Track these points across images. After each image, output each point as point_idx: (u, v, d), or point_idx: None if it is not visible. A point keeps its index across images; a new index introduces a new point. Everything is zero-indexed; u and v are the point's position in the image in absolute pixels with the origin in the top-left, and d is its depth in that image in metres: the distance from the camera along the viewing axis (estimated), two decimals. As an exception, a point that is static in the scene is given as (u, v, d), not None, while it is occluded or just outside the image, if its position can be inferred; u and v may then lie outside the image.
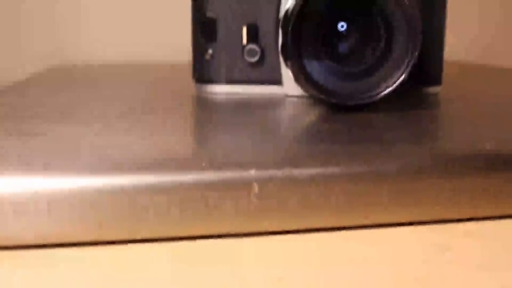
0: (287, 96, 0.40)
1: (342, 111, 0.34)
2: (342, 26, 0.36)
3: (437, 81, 0.42)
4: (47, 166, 0.22)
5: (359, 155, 0.24)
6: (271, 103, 0.38)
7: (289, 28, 0.33)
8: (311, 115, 0.34)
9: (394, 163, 0.24)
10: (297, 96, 0.39)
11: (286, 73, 0.38)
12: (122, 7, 0.72)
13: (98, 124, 0.30)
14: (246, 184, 0.23)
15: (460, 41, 0.75)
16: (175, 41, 0.65)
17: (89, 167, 0.22)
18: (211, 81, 0.41)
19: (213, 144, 0.27)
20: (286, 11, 0.35)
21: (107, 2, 0.72)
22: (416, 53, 0.33)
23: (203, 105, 0.39)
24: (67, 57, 0.71)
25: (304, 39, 0.34)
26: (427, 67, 0.41)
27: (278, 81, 0.40)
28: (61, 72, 0.61)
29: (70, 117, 0.33)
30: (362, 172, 0.23)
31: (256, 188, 0.23)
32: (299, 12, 0.33)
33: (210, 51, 0.41)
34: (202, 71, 0.41)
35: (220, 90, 0.41)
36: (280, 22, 0.35)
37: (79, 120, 0.32)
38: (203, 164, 0.23)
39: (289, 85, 0.38)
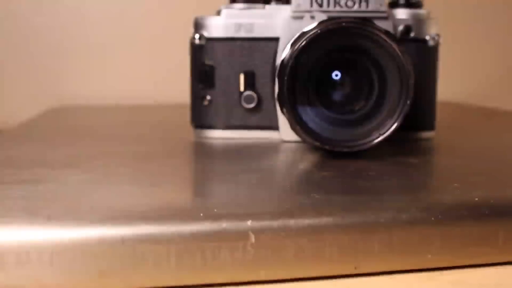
0: (283, 141, 0.41)
1: (336, 157, 0.35)
2: (336, 75, 0.37)
3: (430, 126, 0.43)
4: (50, 217, 0.23)
5: (351, 205, 0.25)
6: (268, 149, 0.39)
7: (285, 77, 0.35)
8: (306, 162, 0.35)
9: (385, 214, 0.25)
10: (293, 142, 0.40)
11: (283, 119, 0.39)
12: (121, 50, 0.73)
13: (99, 172, 0.31)
14: (242, 235, 0.23)
15: (452, 81, 0.76)
16: (175, 83, 0.66)
17: (90, 218, 0.23)
18: (209, 126, 0.42)
19: (210, 194, 0.28)
20: (283, 60, 0.36)
21: (108, 44, 0.73)
22: (409, 102, 0.34)
23: (201, 152, 0.40)
24: (68, 98, 0.72)
25: (300, 87, 0.36)
26: (420, 113, 0.42)
27: (274, 127, 0.41)
28: (62, 114, 0.62)
29: (72, 164, 0.33)
30: (354, 222, 0.24)
31: (252, 238, 0.23)
32: (294, 61, 0.35)
33: (208, 97, 0.42)
34: (200, 117, 0.42)
35: (218, 136, 0.42)
36: (277, 71, 0.36)
37: (81, 168, 0.33)
38: (201, 215, 0.23)
39: (286, 131, 0.39)
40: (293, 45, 0.35)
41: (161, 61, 0.73)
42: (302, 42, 0.34)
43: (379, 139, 0.34)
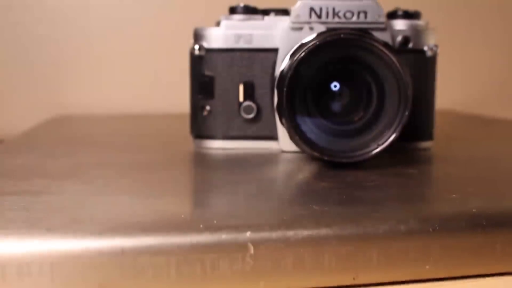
0: (282, 151, 0.41)
1: (335, 168, 0.35)
2: (335, 86, 0.37)
3: (428, 136, 0.43)
4: (50, 229, 0.23)
5: (350, 216, 0.25)
6: (267, 159, 0.39)
7: (284, 88, 0.35)
8: (305, 173, 0.35)
9: (384, 225, 0.25)
10: (293, 152, 0.40)
11: (282, 130, 0.39)
12: (121, 60, 0.74)
13: (99, 183, 0.31)
14: (241, 246, 0.23)
15: (451, 89, 0.76)
16: (174, 93, 0.66)
17: (90, 230, 0.23)
18: (208, 136, 0.42)
19: (210, 205, 0.28)
20: (282, 71, 0.36)
21: (108, 54, 0.73)
22: (407, 113, 0.35)
23: (201, 162, 0.40)
24: (68, 107, 0.72)
25: (299, 98, 0.36)
26: (419, 124, 0.42)
27: (273, 137, 0.41)
28: (62, 123, 0.62)
29: (72, 175, 0.34)
30: (352, 233, 0.24)
31: (251, 249, 0.23)
32: (294, 73, 0.35)
33: (207, 107, 0.42)
34: (200, 127, 0.43)
35: (217, 146, 0.42)
36: (276, 82, 0.36)
37: (81, 178, 0.33)
38: (201, 226, 0.24)
39: (285, 141, 0.40)
40: (292, 56, 0.36)
41: (161, 70, 0.73)
42: (301, 54, 0.35)
43: (378, 150, 0.35)
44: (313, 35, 0.36)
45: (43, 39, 0.72)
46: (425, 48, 0.42)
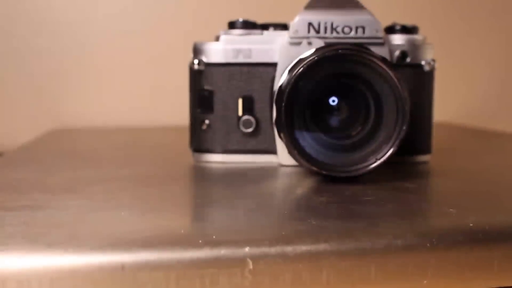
0: (281, 165, 0.41)
1: (333, 182, 0.35)
2: (333, 100, 0.37)
3: (426, 150, 0.43)
4: (51, 244, 0.23)
5: (348, 231, 0.25)
6: (266, 173, 0.39)
7: (283, 103, 0.35)
8: (304, 187, 0.36)
9: (381, 240, 0.25)
10: (291, 166, 0.41)
11: (281, 144, 0.40)
12: (121, 73, 0.74)
13: (99, 198, 0.32)
14: (240, 261, 0.24)
15: (448, 102, 0.77)
16: (174, 106, 0.66)
17: (91, 245, 0.23)
18: (207, 150, 0.43)
19: (209, 220, 0.28)
20: (280, 86, 0.36)
21: (108, 66, 0.74)
22: (405, 128, 0.35)
23: (200, 176, 0.40)
24: (67, 120, 0.73)
25: (297, 113, 0.36)
26: (417, 138, 0.42)
27: (272, 151, 0.42)
28: (61, 136, 0.62)
29: (71, 189, 0.34)
30: (350, 249, 0.25)
31: (250, 264, 0.24)
32: (292, 88, 0.35)
33: (207, 121, 0.42)
34: (199, 141, 0.43)
35: (217, 160, 0.43)
36: (275, 97, 0.37)
37: (80, 193, 0.33)
38: (200, 242, 0.24)
39: (283, 155, 0.40)
40: (290, 71, 0.36)
41: (160, 83, 0.74)
42: (299, 69, 0.35)
43: (376, 164, 0.35)
44: (312, 50, 0.36)
45: (43, 51, 0.72)
46: (423, 62, 0.42)
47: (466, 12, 0.80)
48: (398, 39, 0.42)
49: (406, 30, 0.42)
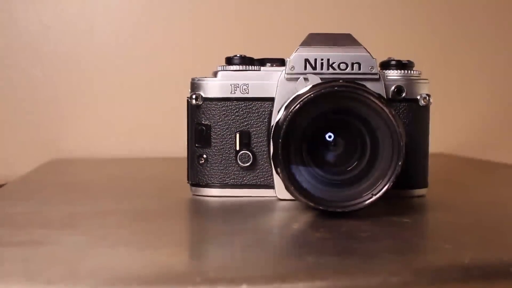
0: (278, 199, 0.42)
1: (330, 217, 0.36)
2: (329, 136, 0.38)
3: (423, 184, 0.44)
4: (50, 281, 0.24)
5: (343, 268, 0.26)
6: (263, 208, 0.39)
7: (279, 140, 0.35)
8: (300, 223, 0.36)
9: (377, 277, 0.25)
10: (288, 200, 0.41)
11: (278, 178, 0.40)
12: (119, 104, 0.74)
13: (97, 233, 0.32)
14: (237, 298, 0.24)
15: (445, 134, 0.77)
16: (171, 137, 0.67)
17: (90, 283, 0.24)
18: (205, 185, 0.43)
19: (206, 257, 0.29)
20: (277, 122, 0.37)
21: (106, 97, 0.74)
22: (400, 163, 0.35)
23: (197, 211, 0.40)
24: (64, 151, 0.73)
25: (294, 148, 0.37)
26: (413, 172, 0.42)
27: (270, 185, 0.42)
28: (58, 168, 0.62)
29: (69, 224, 0.34)
30: (346, 286, 0.25)
31: (247, 302, 0.24)
32: (289, 124, 0.36)
33: (204, 156, 0.43)
34: (197, 175, 0.43)
35: (214, 194, 0.43)
36: (271, 133, 0.37)
37: (79, 228, 0.33)
38: (197, 279, 0.24)
39: (281, 189, 0.40)
40: (287, 107, 0.36)
41: (158, 115, 0.74)
42: (296, 106, 0.35)
43: (371, 199, 0.35)
44: (308, 87, 0.37)
45: (40, 83, 0.73)
46: (418, 97, 0.42)
47: (461, 45, 0.81)
48: (393, 74, 0.42)
49: (402, 65, 0.43)
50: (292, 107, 0.36)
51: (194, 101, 0.43)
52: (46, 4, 0.73)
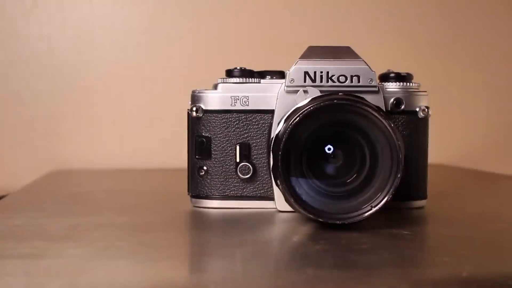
0: (278, 211, 0.42)
1: (329, 229, 0.36)
2: (329, 148, 0.38)
3: (422, 196, 0.44)
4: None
5: (343, 281, 0.26)
6: (263, 220, 0.40)
7: (279, 152, 0.36)
8: (300, 235, 0.36)
9: (376, 291, 0.25)
10: (288, 211, 0.41)
11: (277, 190, 0.40)
12: (120, 115, 0.75)
13: (98, 246, 0.32)
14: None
15: (445, 145, 0.77)
16: (172, 149, 0.67)
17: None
18: (205, 196, 0.43)
19: (207, 270, 0.29)
20: (277, 135, 0.37)
21: (107, 109, 0.74)
22: (400, 176, 0.35)
23: (198, 223, 0.41)
24: (66, 162, 0.73)
25: (293, 161, 0.37)
26: (412, 183, 0.42)
27: (270, 197, 0.42)
28: (60, 179, 0.63)
29: (71, 237, 0.34)
30: (346, 299, 0.25)
31: (247, 315, 0.24)
32: (288, 137, 0.36)
33: (204, 167, 0.43)
34: (197, 187, 0.43)
35: (214, 205, 0.43)
36: (271, 145, 0.37)
37: (80, 241, 0.33)
38: (197, 293, 0.24)
39: (281, 201, 0.40)
40: (287, 119, 0.37)
41: (159, 127, 0.74)
42: (295, 118, 0.36)
43: (371, 212, 0.35)
44: (308, 100, 0.37)
45: (42, 94, 0.73)
46: (417, 109, 0.43)
47: (459, 57, 0.81)
48: (392, 86, 0.42)
49: (400, 77, 0.43)
50: (292, 120, 0.36)
51: (194, 113, 0.43)
52: (48, 17, 0.73)
